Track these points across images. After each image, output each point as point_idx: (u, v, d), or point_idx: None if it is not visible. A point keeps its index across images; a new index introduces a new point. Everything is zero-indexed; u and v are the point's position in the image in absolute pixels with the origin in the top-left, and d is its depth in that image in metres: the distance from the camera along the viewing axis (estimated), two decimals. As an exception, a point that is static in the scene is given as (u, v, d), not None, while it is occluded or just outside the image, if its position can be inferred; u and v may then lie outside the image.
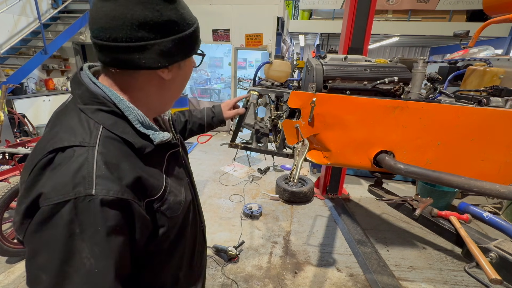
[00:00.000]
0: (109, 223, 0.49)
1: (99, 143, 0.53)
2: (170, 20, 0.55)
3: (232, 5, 5.61)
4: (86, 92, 0.57)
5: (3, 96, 3.87)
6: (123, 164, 0.54)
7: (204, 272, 0.93)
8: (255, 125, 2.64)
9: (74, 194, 0.47)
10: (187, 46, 0.60)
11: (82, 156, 0.50)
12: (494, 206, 3.43)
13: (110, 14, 0.51)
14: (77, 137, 0.52)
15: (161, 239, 0.64)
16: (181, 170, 0.75)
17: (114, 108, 0.57)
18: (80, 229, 0.48)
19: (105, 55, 0.55)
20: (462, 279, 2.31)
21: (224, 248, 2.42)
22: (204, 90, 8.25)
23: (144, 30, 0.52)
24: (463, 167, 1.21)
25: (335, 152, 1.29)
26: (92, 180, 0.49)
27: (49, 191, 0.48)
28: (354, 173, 4.38)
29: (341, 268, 2.41)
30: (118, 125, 0.56)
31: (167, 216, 0.63)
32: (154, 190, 0.60)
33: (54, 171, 0.49)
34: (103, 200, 0.48)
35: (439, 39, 7.19)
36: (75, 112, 0.56)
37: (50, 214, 0.47)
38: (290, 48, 8.53)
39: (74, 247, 0.47)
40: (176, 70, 0.62)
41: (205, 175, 4.20)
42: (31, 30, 5.46)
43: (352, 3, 2.83)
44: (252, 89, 2.19)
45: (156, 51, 0.54)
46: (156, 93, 0.63)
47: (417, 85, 1.34)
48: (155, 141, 0.60)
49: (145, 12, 0.52)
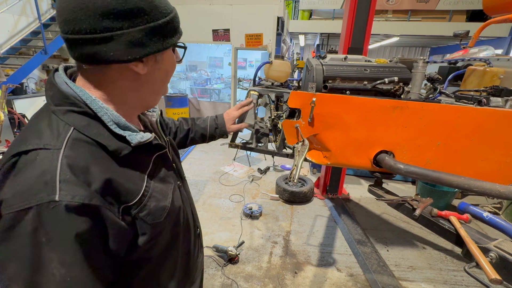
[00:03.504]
0: (76, 231, 0.46)
1: (66, 146, 0.49)
2: (137, 7, 0.50)
3: (232, 5, 5.60)
4: (57, 93, 0.54)
5: (3, 96, 3.87)
6: (93, 167, 0.50)
7: (201, 278, 0.91)
8: (255, 125, 2.64)
9: (36, 201, 0.44)
10: (161, 37, 0.55)
11: (46, 159, 0.47)
12: (494, 206, 3.43)
13: (71, 5, 0.48)
14: (42, 140, 0.49)
15: (147, 247, 0.60)
16: (170, 173, 0.71)
17: (86, 109, 0.53)
18: (46, 238, 0.45)
19: (73, 50, 0.52)
20: (462, 279, 2.31)
21: (224, 248, 2.42)
22: (204, 90, 8.25)
23: (108, 19, 0.48)
24: (463, 167, 1.21)
25: (335, 152, 1.29)
26: (56, 185, 0.45)
27: (10, 198, 0.45)
28: (354, 173, 4.38)
29: (341, 268, 2.41)
30: (92, 127, 0.53)
31: (148, 223, 0.59)
32: (130, 196, 0.56)
33: (16, 176, 0.47)
34: (67, 206, 0.45)
35: (439, 39, 7.19)
36: (46, 114, 0.54)
37: (13, 222, 0.44)
38: (290, 48, 8.53)
39: (42, 256, 0.45)
40: (152, 64, 0.57)
41: (205, 175, 4.20)
42: (31, 30, 5.46)
43: (352, 3, 2.83)
44: (252, 89, 2.19)
45: (124, 42, 0.50)
46: (133, 89, 0.59)
47: (417, 85, 1.34)
48: (132, 142, 0.56)
49: (107, 0, 0.48)
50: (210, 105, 6.63)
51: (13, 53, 5.25)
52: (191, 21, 5.59)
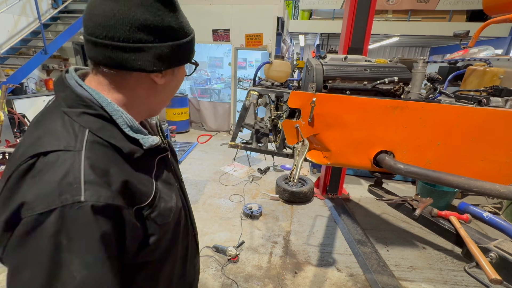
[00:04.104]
0: (101, 231, 0.47)
1: (86, 148, 0.50)
2: (170, 26, 0.55)
3: (232, 5, 5.61)
4: (71, 95, 0.55)
5: (3, 96, 3.88)
6: (112, 169, 0.52)
7: (197, 279, 0.91)
8: (255, 125, 2.64)
9: (60, 202, 0.44)
10: (182, 53, 0.60)
11: (68, 161, 0.47)
12: (494, 206, 3.43)
13: (109, 12, 0.50)
14: (61, 141, 0.49)
15: (152, 248, 0.61)
16: (171, 175, 0.73)
17: (101, 112, 0.55)
18: (68, 240, 0.44)
19: (98, 53, 0.53)
20: (462, 279, 2.31)
21: (224, 248, 2.43)
22: (204, 90, 8.25)
23: (143, 32, 0.52)
24: (463, 167, 1.21)
25: (335, 152, 1.29)
26: (80, 186, 0.46)
27: (32, 200, 0.44)
28: (354, 173, 4.38)
29: (341, 268, 2.41)
30: (106, 129, 0.54)
31: (157, 224, 0.61)
32: (144, 197, 0.58)
33: (36, 178, 0.46)
34: (94, 206, 0.46)
35: (439, 39, 7.19)
36: (58, 115, 0.54)
37: (34, 225, 0.43)
38: (290, 48, 8.54)
39: (62, 260, 0.44)
40: (169, 76, 0.62)
41: (205, 175, 4.20)
42: (31, 30, 5.46)
43: (352, 3, 2.83)
44: (252, 89, 2.19)
45: (153, 54, 0.55)
46: (146, 97, 0.62)
47: (417, 85, 1.34)
48: (145, 145, 0.58)
49: (146, 15, 0.52)
50: (210, 105, 6.63)
51: (13, 53, 5.25)
52: (191, 21, 5.40)
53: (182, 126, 6.48)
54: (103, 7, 0.51)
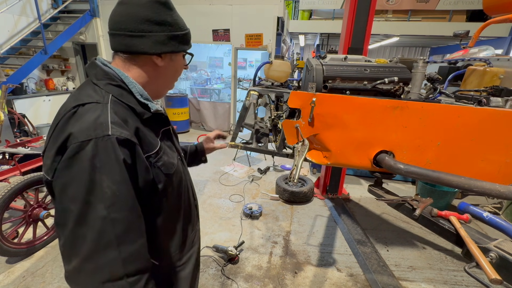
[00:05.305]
0: (123, 156, 0.63)
1: (110, 103, 0.68)
2: (166, 20, 0.75)
3: (232, 5, 5.61)
4: (100, 71, 0.74)
5: (3, 96, 3.88)
6: (128, 119, 0.70)
7: (198, 246, 1.04)
8: (255, 125, 2.64)
9: (95, 135, 0.61)
10: (177, 43, 0.78)
11: (99, 109, 0.66)
12: (494, 206, 3.43)
13: (122, 13, 0.72)
14: (93, 98, 0.68)
15: (161, 196, 0.77)
16: (173, 146, 0.88)
17: (121, 83, 0.73)
18: (100, 164, 0.61)
19: (115, 42, 0.74)
20: (462, 279, 2.31)
21: (224, 248, 2.42)
22: (204, 90, 8.24)
23: (145, 25, 0.72)
24: (463, 167, 1.21)
25: (335, 152, 1.29)
26: (108, 124, 0.63)
27: (76, 132, 0.62)
28: (354, 173, 4.38)
29: (341, 268, 2.41)
30: (124, 95, 0.73)
31: (163, 172, 0.76)
32: (151, 146, 0.74)
33: (79, 119, 0.64)
34: (118, 138, 0.63)
35: (439, 39, 7.19)
36: (90, 86, 0.73)
37: (78, 150, 0.60)
38: (290, 48, 8.53)
39: (97, 178, 0.60)
40: (168, 61, 0.79)
41: (205, 175, 4.20)
42: (31, 30, 5.46)
43: (352, 3, 2.83)
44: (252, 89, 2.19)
45: (152, 40, 0.73)
46: (151, 76, 0.79)
47: (417, 85, 1.34)
48: (152, 109, 0.76)
49: (147, 12, 0.72)
50: (210, 105, 6.63)
51: (13, 53, 5.25)
52: (191, 21, 5.58)
53: (182, 126, 6.48)
54: (118, 10, 0.73)
